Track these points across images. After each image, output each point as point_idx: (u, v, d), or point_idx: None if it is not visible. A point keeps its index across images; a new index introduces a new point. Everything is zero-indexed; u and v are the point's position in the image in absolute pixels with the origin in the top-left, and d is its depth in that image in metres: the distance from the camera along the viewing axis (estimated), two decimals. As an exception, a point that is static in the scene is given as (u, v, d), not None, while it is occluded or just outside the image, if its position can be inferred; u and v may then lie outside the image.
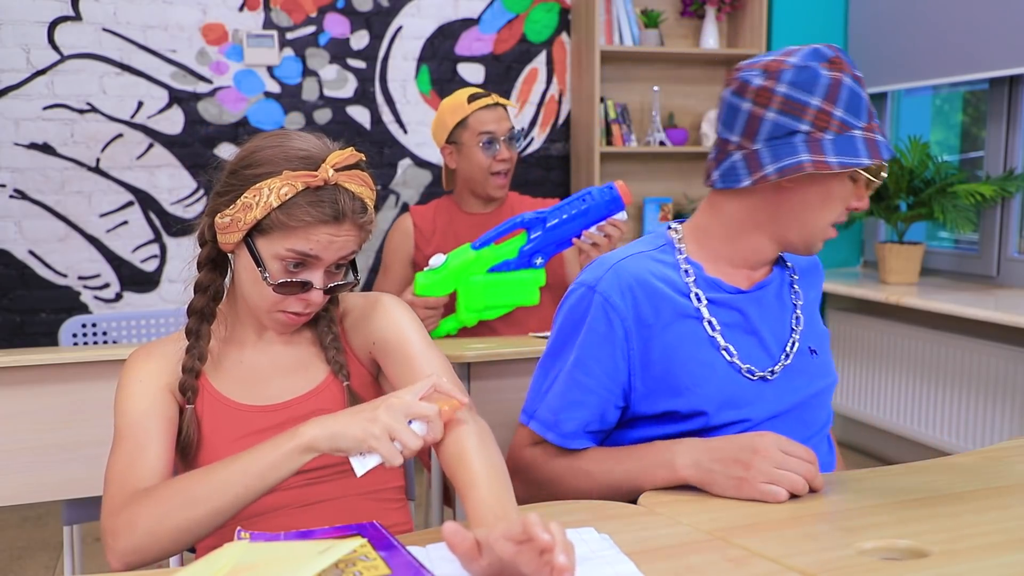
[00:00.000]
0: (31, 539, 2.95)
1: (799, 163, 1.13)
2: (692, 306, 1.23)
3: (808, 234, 1.22)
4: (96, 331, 2.36)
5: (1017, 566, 0.85)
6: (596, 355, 1.21)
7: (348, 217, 1.12)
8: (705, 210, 1.28)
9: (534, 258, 2.11)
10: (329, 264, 1.14)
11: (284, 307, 1.15)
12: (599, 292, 1.21)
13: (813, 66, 1.13)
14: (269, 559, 0.83)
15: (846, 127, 1.13)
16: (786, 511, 1.03)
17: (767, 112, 1.14)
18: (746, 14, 4.00)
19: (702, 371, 1.21)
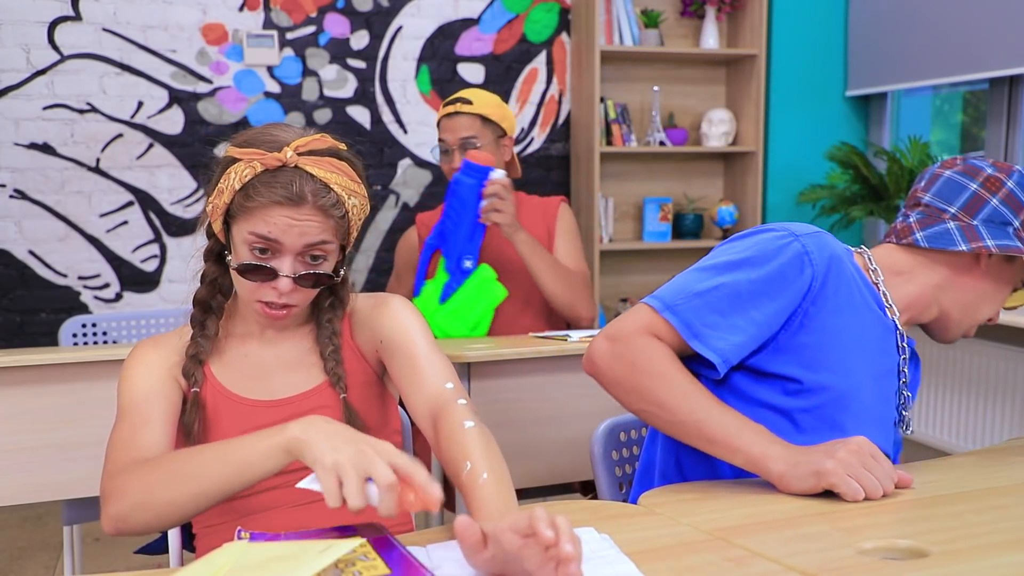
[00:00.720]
0: (31, 539, 2.95)
1: (1019, 247, 1.27)
2: (887, 319, 1.29)
3: (966, 317, 1.34)
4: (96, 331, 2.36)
5: (1017, 566, 0.85)
6: (774, 295, 1.19)
7: (307, 200, 1.10)
8: (889, 253, 1.35)
9: (462, 264, 2.14)
10: (297, 251, 1.12)
11: (259, 296, 1.15)
12: (803, 242, 1.22)
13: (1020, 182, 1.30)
14: (268, 559, 0.83)
15: None
16: (786, 511, 1.03)
17: (992, 198, 1.29)
18: (746, 14, 4.00)
19: (865, 365, 1.24)
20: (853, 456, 1.06)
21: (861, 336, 1.24)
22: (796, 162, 4.12)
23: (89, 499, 1.59)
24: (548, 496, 2.14)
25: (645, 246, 3.99)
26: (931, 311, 1.34)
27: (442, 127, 2.29)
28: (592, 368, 1.22)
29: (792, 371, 1.21)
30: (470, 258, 2.15)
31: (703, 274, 1.22)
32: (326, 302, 1.25)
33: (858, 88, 4.03)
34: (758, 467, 1.10)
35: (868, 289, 1.29)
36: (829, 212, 3.83)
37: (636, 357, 1.17)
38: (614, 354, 1.19)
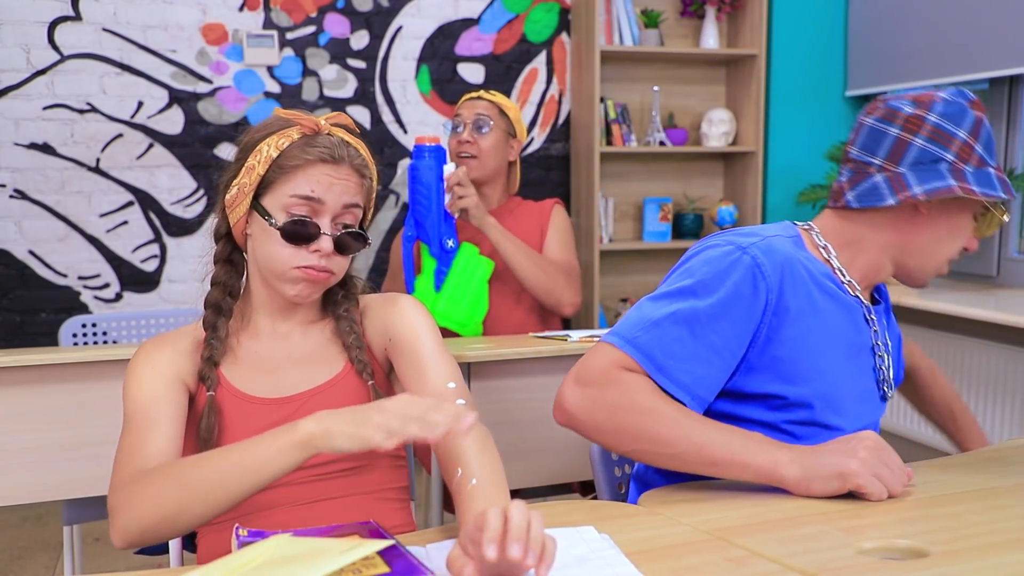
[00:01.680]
0: (31, 539, 2.95)
1: (949, 187, 1.18)
2: (848, 297, 1.25)
3: (927, 264, 1.27)
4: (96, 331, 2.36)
5: (1017, 566, 0.85)
6: (733, 317, 1.15)
7: (345, 160, 1.16)
8: (830, 220, 1.30)
9: (444, 246, 2.18)
10: (335, 212, 1.16)
11: (298, 262, 1.15)
12: (752, 255, 1.17)
13: (961, 102, 1.21)
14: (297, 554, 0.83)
15: (983, 163, 1.21)
16: (786, 511, 1.03)
17: (915, 138, 1.21)
18: (746, 14, 4.00)
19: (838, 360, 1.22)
20: (873, 454, 1.05)
21: (829, 331, 1.21)
22: (796, 162, 4.12)
23: (89, 499, 1.59)
24: (548, 496, 2.14)
25: (645, 246, 3.99)
26: (887, 269, 1.29)
27: (459, 107, 2.36)
28: (567, 418, 1.15)
29: (772, 388, 1.19)
30: (450, 237, 2.17)
31: (658, 303, 1.17)
32: (339, 295, 1.27)
33: (858, 88, 4.03)
34: (771, 478, 1.08)
35: (824, 275, 1.24)
36: (829, 212, 3.83)
37: (614, 396, 1.11)
38: (589, 398, 1.12)
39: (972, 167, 1.19)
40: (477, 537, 0.81)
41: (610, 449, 1.14)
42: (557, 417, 1.16)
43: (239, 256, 1.26)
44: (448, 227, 2.17)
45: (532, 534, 0.80)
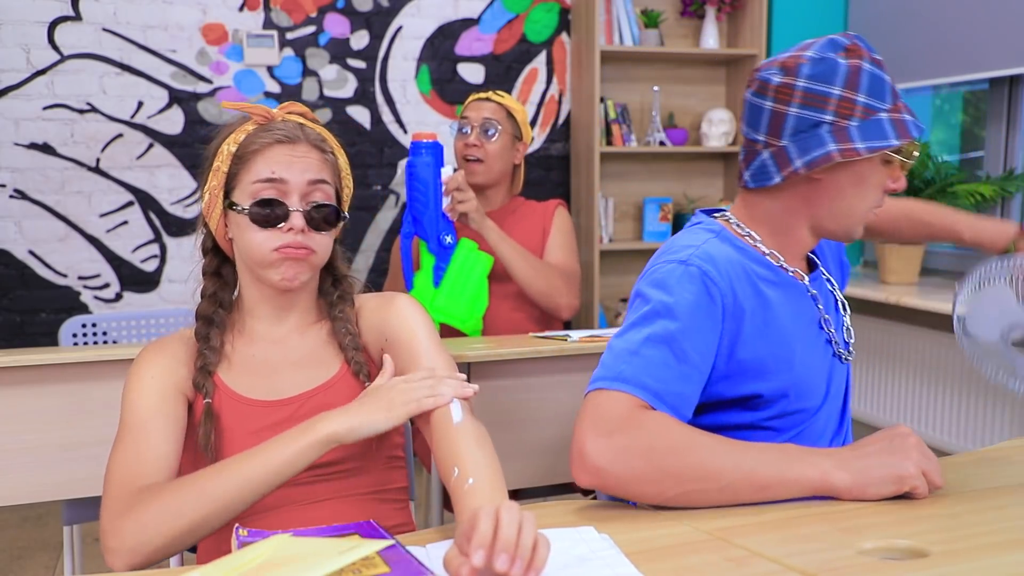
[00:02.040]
0: (31, 539, 2.95)
1: (827, 153, 1.14)
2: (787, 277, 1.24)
3: (846, 221, 1.23)
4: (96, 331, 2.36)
5: (1017, 566, 0.85)
6: (702, 328, 1.13)
7: (302, 138, 1.18)
8: (740, 208, 1.28)
9: (442, 242, 2.18)
10: (301, 190, 1.17)
11: (275, 243, 1.16)
12: (695, 266, 1.15)
13: (830, 57, 1.15)
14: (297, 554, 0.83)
15: (871, 111, 1.15)
16: (786, 511, 1.03)
17: (789, 108, 1.16)
18: (746, 14, 4.00)
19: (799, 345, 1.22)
20: (920, 451, 1.05)
21: (783, 319, 1.21)
22: (796, 162, 4.12)
23: (89, 499, 1.59)
24: (548, 496, 2.14)
25: (645, 246, 3.99)
26: (810, 237, 1.26)
27: (467, 109, 2.36)
28: (598, 477, 1.02)
29: (748, 388, 1.19)
30: (448, 233, 2.17)
31: (628, 334, 1.13)
32: (334, 295, 1.27)
33: (858, 88, 4.03)
34: (822, 489, 1.04)
35: (759, 262, 1.23)
36: (829, 212, 3.83)
37: (648, 440, 1.02)
38: (619, 448, 1.01)
39: (857, 120, 1.14)
40: (470, 536, 0.81)
41: (650, 500, 1.03)
42: (584, 479, 1.03)
43: (229, 268, 1.27)
44: (446, 223, 2.17)
45: (522, 540, 0.79)
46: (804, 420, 1.23)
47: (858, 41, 1.17)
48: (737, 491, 1.03)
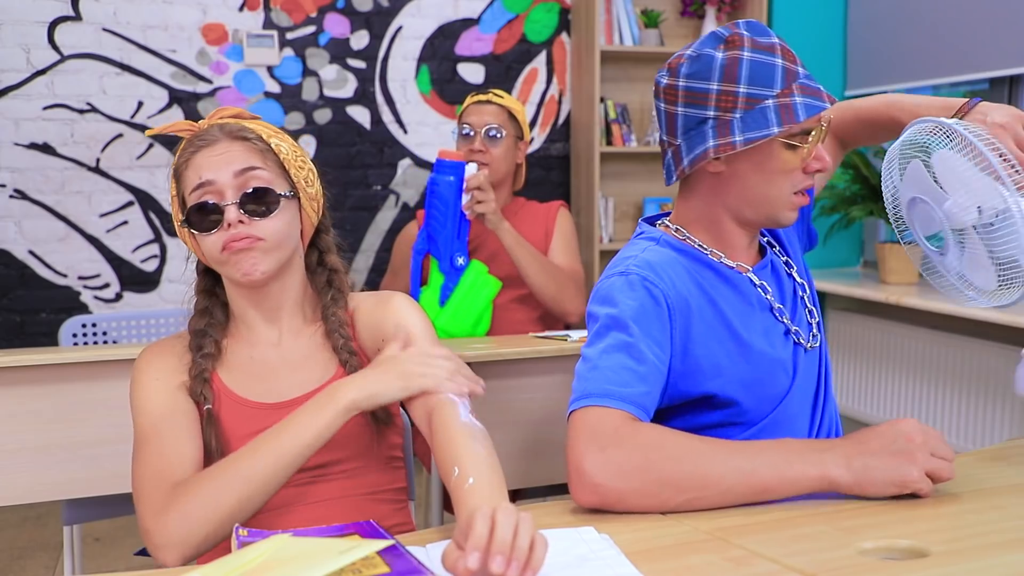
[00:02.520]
0: (31, 539, 2.95)
1: (704, 151, 1.16)
2: (727, 272, 1.24)
3: (765, 209, 1.21)
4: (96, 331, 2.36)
5: (1017, 566, 0.85)
6: (652, 331, 1.14)
7: (220, 137, 1.18)
8: (676, 210, 1.31)
9: (455, 262, 2.17)
10: (231, 183, 1.15)
11: (222, 246, 1.15)
12: (635, 274, 1.17)
13: (707, 52, 1.16)
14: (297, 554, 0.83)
15: (755, 100, 1.14)
16: (786, 511, 1.03)
17: (677, 108, 1.18)
18: (746, 14, 4.00)
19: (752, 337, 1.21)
20: (925, 451, 1.03)
21: (730, 315, 1.21)
22: (796, 162, 4.12)
23: (89, 499, 1.59)
24: (548, 496, 2.14)
25: (645, 246, 3.99)
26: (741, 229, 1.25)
27: (469, 112, 2.33)
28: (600, 494, 1.02)
29: (709, 386, 1.19)
30: (461, 255, 2.16)
31: (589, 351, 1.15)
32: (328, 296, 1.26)
33: (857, 88, 4.03)
34: (823, 487, 1.04)
35: (699, 260, 1.24)
36: (829, 212, 3.83)
37: (642, 452, 1.03)
38: (615, 462, 1.02)
39: (740, 112, 1.14)
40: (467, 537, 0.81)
41: (654, 510, 1.03)
42: (584, 498, 1.03)
43: (221, 288, 1.27)
44: (461, 244, 2.16)
45: (518, 542, 0.79)
46: (771, 410, 1.22)
47: (741, 30, 1.16)
48: (739, 494, 1.03)
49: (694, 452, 1.04)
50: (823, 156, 1.18)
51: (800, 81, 1.15)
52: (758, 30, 1.17)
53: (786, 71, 1.14)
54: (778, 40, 1.17)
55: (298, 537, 0.89)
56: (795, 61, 1.16)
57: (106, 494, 1.57)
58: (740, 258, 1.26)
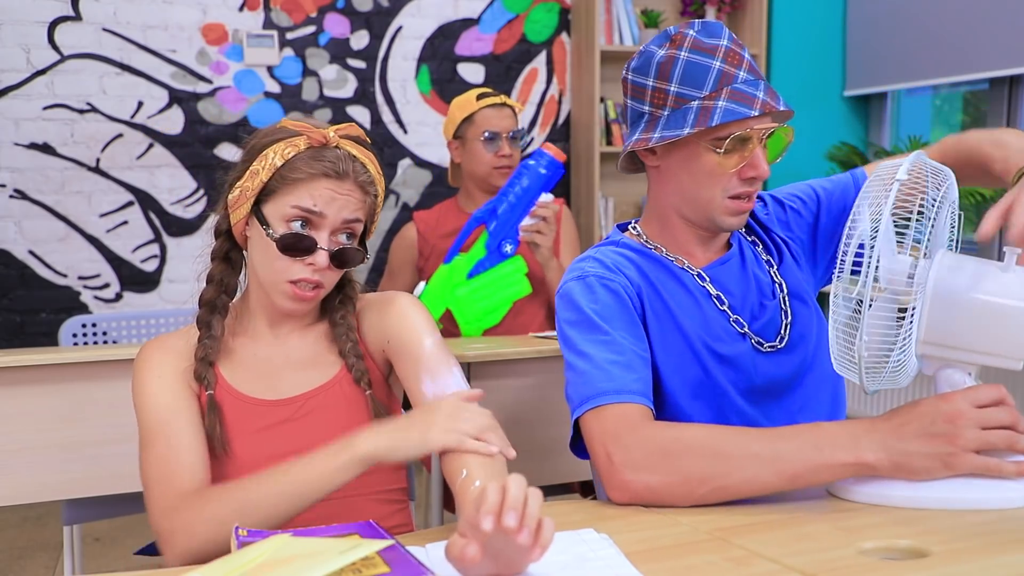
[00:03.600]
0: (31, 539, 2.95)
1: (628, 145, 1.20)
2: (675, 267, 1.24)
3: (699, 209, 1.21)
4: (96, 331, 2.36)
5: (1017, 566, 0.85)
6: (624, 322, 1.16)
7: (350, 175, 1.15)
8: (646, 203, 1.33)
9: (502, 247, 2.15)
10: (335, 226, 1.15)
11: (291, 275, 1.14)
12: (590, 275, 1.20)
13: (650, 49, 1.18)
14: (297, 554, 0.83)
15: (682, 100, 1.15)
16: (786, 511, 1.03)
17: (627, 100, 1.22)
18: (746, 14, 4.00)
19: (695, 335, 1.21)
20: (968, 428, 0.97)
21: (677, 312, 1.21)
22: (795, 162, 4.12)
23: (89, 499, 1.59)
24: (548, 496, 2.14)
25: (645, 246, 3.99)
26: (689, 227, 1.25)
27: (489, 116, 2.29)
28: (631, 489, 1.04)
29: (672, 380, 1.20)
30: (512, 243, 2.14)
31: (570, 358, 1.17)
32: (336, 299, 1.26)
33: (856, 88, 4.04)
34: (858, 473, 1.01)
35: (648, 257, 1.25)
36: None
37: (662, 444, 1.04)
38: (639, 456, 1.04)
39: (668, 110, 1.16)
40: (476, 520, 0.80)
41: (684, 502, 1.04)
42: (617, 496, 1.06)
43: (237, 254, 1.25)
44: (515, 234, 2.14)
45: (529, 510, 0.79)
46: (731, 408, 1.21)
47: (688, 31, 1.17)
48: (765, 481, 1.02)
49: (712, 440, 1.04)
50: (758, 164, 1.16)
51: (735, 86, 1.14)
52: (709, 31, 1.17)
53: (721, 75, 1.14)
54: (728, 44, 1.16)
55: (298, 537, 0.89)
56: (738, 65, 1.16)
57: (106, 494, 1.57)
58: (693, 254, 1.27)
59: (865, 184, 1.09)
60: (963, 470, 0.98)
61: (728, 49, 1.16)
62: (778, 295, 1.28)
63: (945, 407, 0.99)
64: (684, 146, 1.17)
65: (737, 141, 1.15)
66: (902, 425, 1.00)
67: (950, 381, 1.07)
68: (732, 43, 1.17)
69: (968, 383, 1.06)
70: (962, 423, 0.98)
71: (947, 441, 0.98)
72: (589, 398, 1.11)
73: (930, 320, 1.05)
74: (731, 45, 1.16)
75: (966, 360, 1.06)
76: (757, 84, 1.16)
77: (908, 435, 0.99)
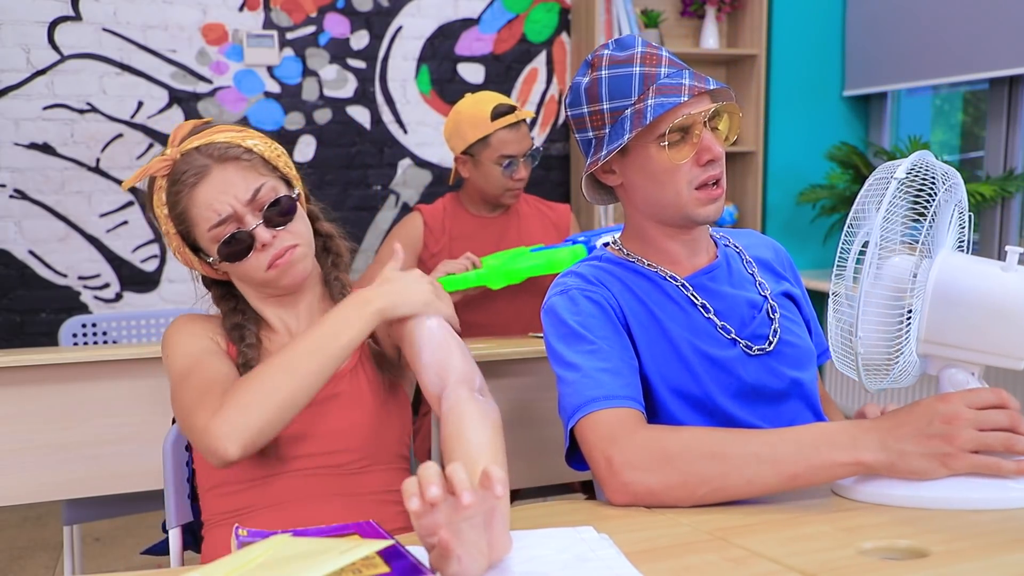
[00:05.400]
0: (31, 539, 2.95)
1: (585, 172, 1.24)
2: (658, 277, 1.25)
3: (670, 210, 1.21)
4: (96, 331, 2.36)
5: (1017, 566, 0.85)
6: (608, 331, 1.18)
7: (211, 166, 1.16)
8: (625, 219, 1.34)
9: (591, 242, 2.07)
10: (247, 205, 1.16)
11: (263, 264, 1.18)
12: (572, 289, 1.22)
13: (577, 81, 1.23)
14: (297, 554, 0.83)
15: (617, 113, 1.18)
16: (786, 511, 1.03)
17: (576, 135, 1.25)
18: (746, 14, 4.00)
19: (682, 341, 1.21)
20: (965, 429, 0.98)
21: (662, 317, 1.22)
22: (796, 162, 4.12)
23: (89, 499, 1.59)
24: (548, 496, 2.14)
25: (645, 246, 3.99)
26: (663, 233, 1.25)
27: (506, 140, 2.19)
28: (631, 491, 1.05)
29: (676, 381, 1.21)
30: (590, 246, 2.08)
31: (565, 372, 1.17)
32: (328, 261, 1.30)
33: (855, 88, 4.03)
34: (856, 472, 1.02)
35: (628, 268, 1.26)
36: (829, 212, 3.83)
37: (659, 445, 1.05)
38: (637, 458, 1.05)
39: (608, 127, 1.19)
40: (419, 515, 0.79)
41: (685, 503, 1.04)
42: (617, 498, 1.06)
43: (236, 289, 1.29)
44: None
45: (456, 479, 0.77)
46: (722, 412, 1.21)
47: (605, 50, 1.21)
48: (765, 482, 1.02)
49: (711, 441, 1.05)
50: (710, 146, 1.17)
51: (659, 83, 1.17)
52: (622, 45, 1.21)
53: (643, 77, 1.17)
54: (642, 49, 1.19)
55: (298, 537, 0.89)
56: (657, 63, 1.18)
57: (106, 494, 1.57)
58: (678, 263, 1.27)
59: (866, 184, 1.09)
60: (962, 470, 0.99)
61: (643, 53, 1.19)
62: (765, 305, 1.28)
63: (943, 408, 1.00)
64: (634, 153, 1.20)
65: (679, 131, 1.17)
66: (900, 426, 1.01)
67: (953, 381, 1.07)
68: (646, 47, 1.20)
69: (972, 383, 1.06)
70: (959, 424, 0.99)
71: (945, 441, 0.99)
72: (581, 406, 1.12)
73: (931, 319, 1.05)
74: (645, 49, 1.19)
75: (968, 359, 1.06)
76: (681, 74, 1.18)
77: (906, 435, 1.00)
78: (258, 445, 1.07)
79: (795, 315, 1.33)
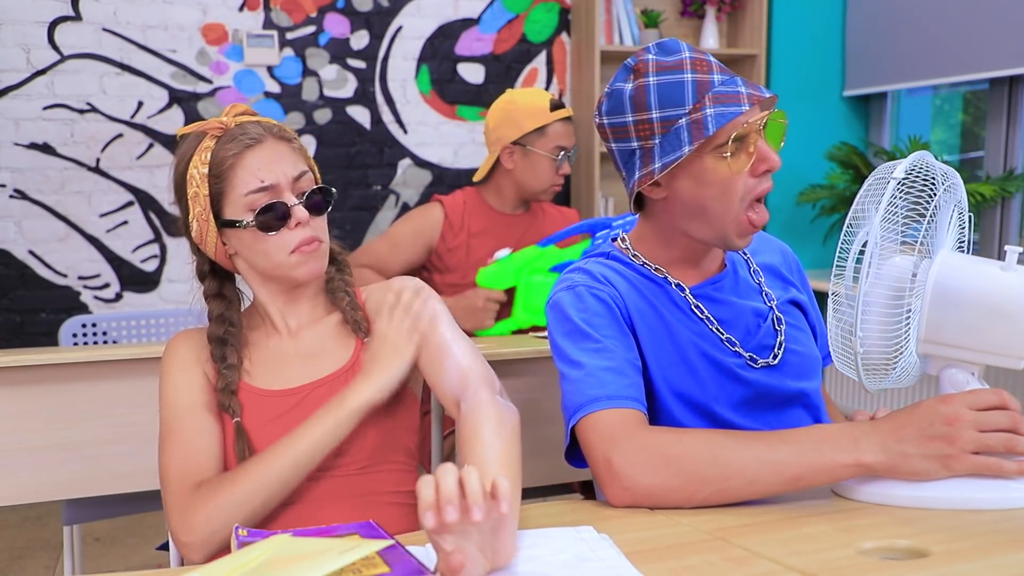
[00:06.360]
0: (31, 539, 2.95)
1: (632, 184, 1.18)
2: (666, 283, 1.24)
3: (712, 226, 1.17)
4: (96, 331, 2.36)
5: (1017, 566, 0.85)
6: (613, 331, 1.17)
7: (267, 136, 1.18)
8: (635, 232, 1.30)
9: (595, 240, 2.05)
10: (289, 183, 1.18)
11: (291, 244, 1.18)
12: (579, 286, 1.21)
13: (617, 87, 1.17)
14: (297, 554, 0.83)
15: (669, 122, 1.12)
16: (786, 511, 1.03)
17: (611, 144, 1.20)
18: (746, 14, 4.00)
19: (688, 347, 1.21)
20: (966, 430, 0.98)
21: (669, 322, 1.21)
22: (796, 162, 4.12)
23: (89, 499, 1.59)
24: (548, 496, 2.14)
25: (645, 246, 3.99)
26: (689, 245, 1.23)
27: (561, 132, 2.20)
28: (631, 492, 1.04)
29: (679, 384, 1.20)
30: None
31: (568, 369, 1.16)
32: (332, 269, 1.30)
33: (855, 88, 4.04)
34: (857, 474, 1.02)
35: (637, 272, 1.25)
36: (829, 212, 3.83)
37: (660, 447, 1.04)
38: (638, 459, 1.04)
39: (659, 137, 1.13)
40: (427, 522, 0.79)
41: (685, 504, 1.04)
42: (617, 499, 1.05)
43: (230, 288, 1.29)
44: None
45: (469, 490, 0.77)
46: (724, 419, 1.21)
47: (649, 55, 1.15)
48: (766, 484, 1.02)
49: (712, 443, 1.04)
50: (767, 155, 1.13)
51: (715, 91, 1.12)
52: (666, 49, 1.16)
53: (697, 84, 1.12)
54: (689, 54, 1.14)
55: (298, 537, 0.89)
56: (709, 70, 1.13)
57: (106, 494, 1.57)
58: (687, 273, 1.26)
59: (865, 184, 1.09)
60: (963, 471, 0.99)
61: (692, 59, 1.14)
62: (771, 315, 1.27)
63: (943, 409, 1.00)
64: (688, 166, 1.13)
65: (738, 141, 1.12)
66: (901, 427, 1.01)
67: (953, 381, 1.07)
68: (694, 52, 1.15)
69: (972, 383, 1.06)
70: (960, 425, 0.99)
71: (946, 442, 0.99)
72: (583, 405, 1.11)
73: (931, 319, 1.05)
74: (694, 55, 1.15)
75: (968, 359, 1.06)
76: (734, 80, 1.14)
77: (907, 437, 1.00)
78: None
79: (801, 323, 1.32)
